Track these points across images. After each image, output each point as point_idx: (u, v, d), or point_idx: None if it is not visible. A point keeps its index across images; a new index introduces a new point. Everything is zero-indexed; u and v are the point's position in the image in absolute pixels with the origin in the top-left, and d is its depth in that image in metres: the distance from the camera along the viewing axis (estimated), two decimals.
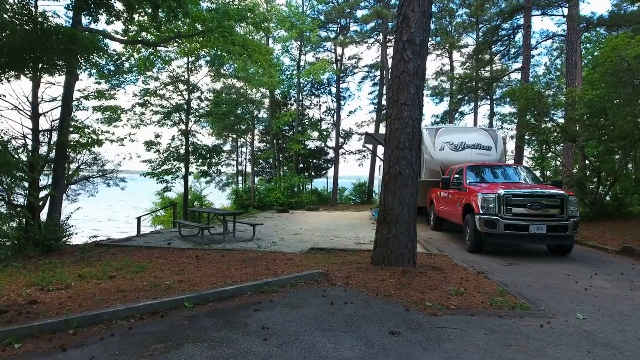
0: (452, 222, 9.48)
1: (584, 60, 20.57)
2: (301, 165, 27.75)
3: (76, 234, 9.06)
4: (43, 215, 10.12)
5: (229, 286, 3.95)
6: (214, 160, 16.96)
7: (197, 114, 17.14)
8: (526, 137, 16.05)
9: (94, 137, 9.67)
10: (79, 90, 10.45)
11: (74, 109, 10.09)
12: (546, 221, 6.74)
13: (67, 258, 6.76)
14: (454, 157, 10.85)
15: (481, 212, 7.04)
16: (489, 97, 26.08)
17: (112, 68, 14.34)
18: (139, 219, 12.90)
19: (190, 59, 16.61)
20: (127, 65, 14.51)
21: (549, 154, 25.21)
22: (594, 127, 11.64)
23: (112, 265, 6.01)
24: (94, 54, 10.02)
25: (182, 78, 16.10)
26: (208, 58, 16.31)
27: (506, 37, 18.11)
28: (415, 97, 4.95)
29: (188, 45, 13.69)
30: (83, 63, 10.15)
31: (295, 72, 25.05)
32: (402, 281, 4.35)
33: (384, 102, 27.59)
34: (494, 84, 20.48)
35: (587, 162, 12.39)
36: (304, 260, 6.24)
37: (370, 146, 20.33)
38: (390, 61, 27.50)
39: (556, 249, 7.37)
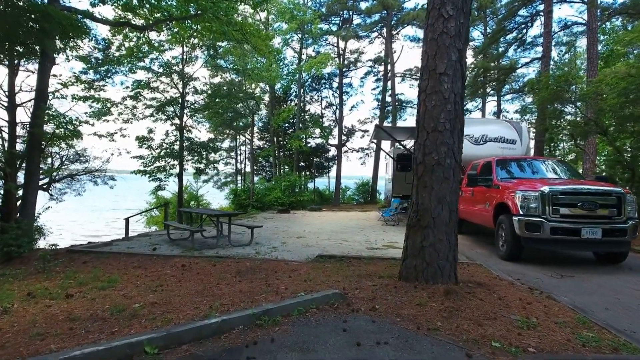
0: (475, 224, 8.39)
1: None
2: (302, 164, 26.63)
3: (44, 238, 7.93)
4: None
5: (213, 318, 2.83)
6: (210, 158, 15.82)
7: (192, 107, 16.02)
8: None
9: (71, 128, 8.52)
10: (54, 76, 9.32)
11: (50, 97, 8.99)
12: (601, 224, 5.63)
13: (27, 268, 5.65)
14: (474, 151, 9.75)
15: (521, 212, 5.93)
16: (496, 93, 24.95)
17: (100, 57, 13.25)
18: (127, 220, 11.82)
19: (185, 49, 15.51)
20: (117, 54, 13.41)
21: (557, 152, 24.09)
22: (628, 119, 10.52)
23: (76, 278, 4.91)
24: (73, 35, 8.94)
25: (176, 69, 14.99)
26: (204, 47, 15.22)
27: (523, 25, 16.99)
28: (457, 65, 3.85)
29: (181, 31, 12.58)
30: (61, 45, 9.08)
31: (296, 67, 23.94)
32: (447, 306, 3.24)
33: (388, 99, 26.48)
34: (510, 75, 19.27)
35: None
36: (312, 271, 5.13)
37: (377, 141, 19.25)
38: (395, 55, 26.47)
39: (606, 256, 6.26)
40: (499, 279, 4.73)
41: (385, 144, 22.18)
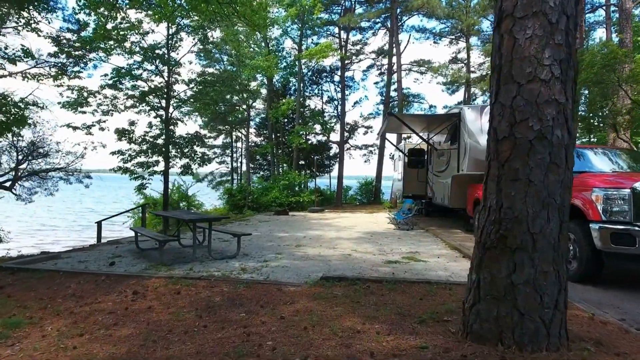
0: None
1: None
2: (302, 162, 24.94)
3: None
4: None
5: None
6: (199, 153, 14.13)
7: (179, 97, 14.33)
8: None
9: (16, 111, 6.85)
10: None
11: None
12: None
13: None
14: None
15: (603, 218, 4.30)
16: None
17: (72, 38, 11.59)
18: (99, 224, 10.18)
19: (170, 31, 13.85)
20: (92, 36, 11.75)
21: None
22: None
23: None
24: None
25: (160, 52, 13.31)
26: (191, 29, 13.58)
27: None
28: None
29: (165, 7, 10.93)
30: (4, 9, 7.47)
31: (295, 57, 22.30)
32: None
33: (392, 93, 24.77)
34: None
35: None
36: (315, 305, 3.53)
37: (389, 137, 17.64)
38: (402, 46, 24.73)
39: None
40: (600, 322, 3.11)
41: (392, 138, 20.52)
